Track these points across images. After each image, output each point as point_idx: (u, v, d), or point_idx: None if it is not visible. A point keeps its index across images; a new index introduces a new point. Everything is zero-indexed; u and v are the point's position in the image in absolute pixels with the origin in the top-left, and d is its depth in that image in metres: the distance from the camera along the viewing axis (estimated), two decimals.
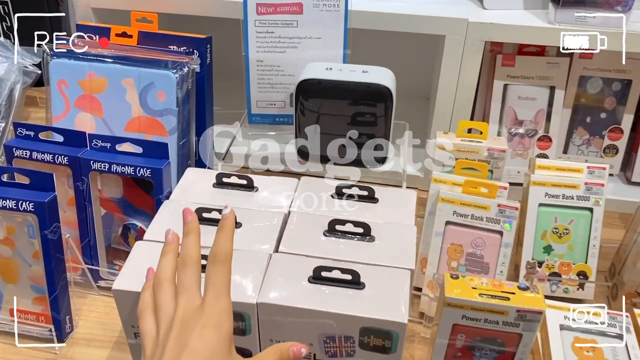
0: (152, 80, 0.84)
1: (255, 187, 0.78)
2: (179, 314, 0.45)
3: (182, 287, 0.47)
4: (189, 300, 0.46)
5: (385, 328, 0.59)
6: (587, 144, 1.04)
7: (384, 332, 0.59)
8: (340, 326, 0.60)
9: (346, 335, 0.60)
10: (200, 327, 0.44)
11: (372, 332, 0.59)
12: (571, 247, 0.82)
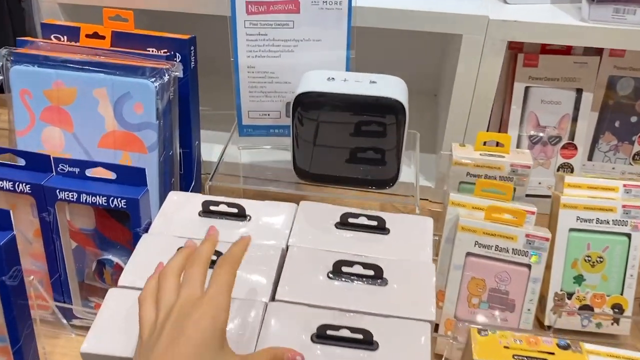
0: (128, 90, 0.73)
1: (247, 215, 0.68)
2: (179, 303, 0.46)
3: (186, 280, 0.48)
4: (191, 291, 0.47)
5: None
6: (615, 150, 0.94)
7: None
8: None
9: None
10: (198, 315, 0.44)
11: None
12: (605, 277, 0.73)
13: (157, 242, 0.64)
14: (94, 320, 0.56)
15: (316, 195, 0.84)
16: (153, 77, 0.73)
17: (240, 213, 0.67)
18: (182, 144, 0.84)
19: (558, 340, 0.54)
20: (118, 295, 0.58)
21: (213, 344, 0.44)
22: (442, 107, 1.00)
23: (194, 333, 0.43)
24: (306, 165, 0.73)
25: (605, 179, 0.74)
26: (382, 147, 0.69)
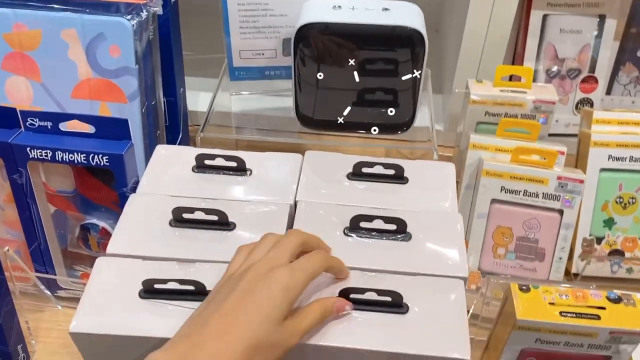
0: (101, 30, 0.64)
1: (247, 169, 0.60)
2: (263, 260, 0.43)
3: (279, 244, 0.45)
4: (278, 255, 0.44)
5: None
6: (636, 82, 0.87)
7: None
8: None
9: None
10: (273, 280, 0.41)
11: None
12: (637, 219, 0.67)
13: (147, 202, 0.57)
14: (82, 296, 0.49)
15: (320, 145, 0.76)
16: (129, 15, 0.63)
17: (240, 167, 0.60)
18: (165, 92, 0.75)
19: (607, 293, 0.48)
20: (107, 265, 0.51)
21: (275, 315, 0.40)
22: (448, 43, 0.91)
23: (262, 296, 0.40)
24: (310, 110, 0.65)
25: (636, 113, 0.68)
26: (397, 86, 0.61)
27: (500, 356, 0.50)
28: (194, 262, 0.51)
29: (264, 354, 0.39)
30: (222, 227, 0.54)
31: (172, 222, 0.54)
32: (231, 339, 0.38)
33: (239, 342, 0.38)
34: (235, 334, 0.38)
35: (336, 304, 0.45)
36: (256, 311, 0.39)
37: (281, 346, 0.40)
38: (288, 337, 0.40)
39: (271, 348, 0.39)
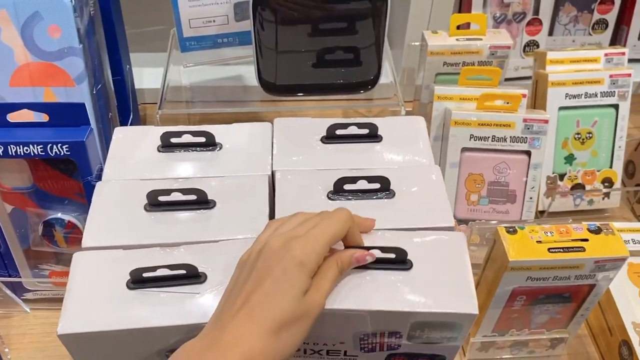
0: (36, 9, 0.58)
1: (217, 143, 0.58)
2: (278, 235, 0.41)
3: (307, 222, 0.42)
4: (297, 229, 0.42)
5: (447, 320, 0.44)
6: (575, 22, 0.90)
7: (443, 324, 0.45)
8: (384, 323, 0.45)
9: (391, 331, 0.46)
10: (287, 257, 0.39)
11: (427, 325, 0.45)
12: (595, 153, 0.71)
13: (116, 189, 0.54)
14: (65, 296, 0.46)
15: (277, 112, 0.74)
16: None
17: (209, 141, 0.57)
18: (111, 71, 0.71)
19: (588, 225, 0.50)
20: (86, 259, 0.48)
21: (294, 291, 0.39)
22: None
23: (278, 275, 0.39)
24: (272, 76, 0.62)
25: (586, 50, 0.70)
26: (361, 43, 0.60)
27: (491, 298, 0.52)
28: (179, 245, 0.49)
29: (292, 328, 0.38)
30: (202, 206, 0.52)
31: (147, 207, 0.52)
32: (255, 321, 0.37)
33: (263, 324, 0.37)
34: (258, 315, 0.37)
35: (355, 255, 0.43)
36: (275, 291, 0.38)
37: (307, 316, 0.39)
38: (312, 307, 0.39)
39: (297, 321, 0.38)
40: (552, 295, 0.52)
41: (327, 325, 0.44)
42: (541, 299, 0.53)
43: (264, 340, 0.37)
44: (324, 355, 0.48)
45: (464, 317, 0.43)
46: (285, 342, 0.38)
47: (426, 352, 0.47)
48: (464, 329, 0.45)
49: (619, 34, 0.92)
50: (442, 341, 0.46)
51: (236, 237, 0.49)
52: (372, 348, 0.47)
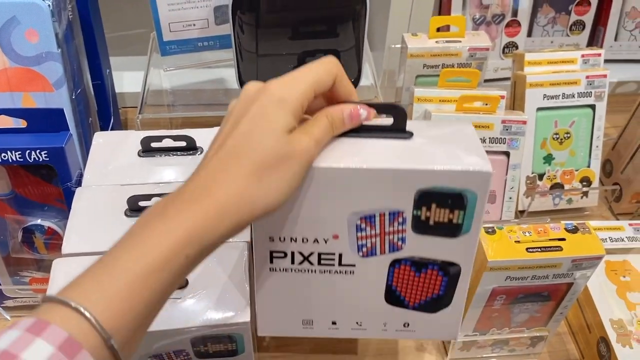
0: (13, 14, 0.58)
1: (198, 147, 0.58)
2: (257, 84, 0.36)
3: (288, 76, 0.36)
4: (286, 78, 0.36)
5: (456, 187, 0.38)
6: (553, 23, 0.91)
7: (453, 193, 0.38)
8: (384, 193, 0.39)
9: (392, 210, 0.40)
10: (264, 96, 0.35)
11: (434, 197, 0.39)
12: (573, 152, 0.72)
13: (96, 195, 0.53)
14: None
15: None
16: None
17: (190, 145, 0.57)
18: (91, 76, 0.70)
19: (565, 224, 0.51)
20: (66, 266, 0.48)
21: (274, 127, 0.34)
22: None
23: (255, 113, 0.34)
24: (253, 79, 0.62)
25: (563, 52, 0.71)
26: (341, 46, 0.60)
27: (472, 298, 0.52)
28: None
29: (275, 172, 0.34)
30: None
31: (127, 212, 0.52)
32: (232, 164, 0.33)
33: (240, 166, 0.33)
34: (235, 157, 0.33)
35: (346, 110, 0.37)
36: (252, 129, 0.34)
37: (293, 159, 0.34)
38: (298, 149, 0.34)
39: (281, 164, 0.34)
40: (531, 294, 0.53)
41: (321, 200, 0.39)
42: (520, 298, 0.53)
43: (241, 184, 0.33)
44: (315, 264, 0.42)
45: (479, 176, 0.37)
46: (267, 186, 0.33)
47: (436, 257, 0.42)
48: (480, 193, 0.38)
49: (596, 34, 0.93)
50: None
51: None
52: (372, 249, 0.42)
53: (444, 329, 0.46)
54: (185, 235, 0.32)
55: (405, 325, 0.46)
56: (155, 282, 0.31)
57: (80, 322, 0.29)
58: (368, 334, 0.46)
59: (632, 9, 0.90)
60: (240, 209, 0.33)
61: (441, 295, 0.44)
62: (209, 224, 0.32)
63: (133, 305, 0.30)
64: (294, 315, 0.46)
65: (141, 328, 0.32)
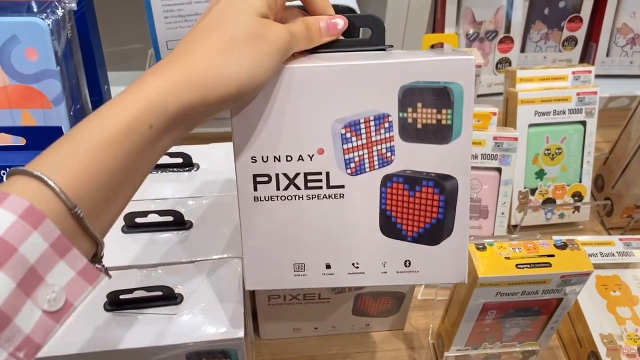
0: (14, 32, 0.59)
1: (194, 164, 0.59)
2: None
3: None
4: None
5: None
6: (545, 39, 0.92)
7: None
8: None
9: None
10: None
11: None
12: (564, 168, 0.73)
13: None
14: None
15: None
16: (43, 13, 0.59)
17: (186, 162, 0.58)
18: (89, 92, 0.71)
19: (554, 240, 0.52)
20: None
21: (246, 7, 0.34)
22: None
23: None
24: None
25: (554, 69, 0.72)
26: None
27: (463, 312, 0.53)
28: (156, 266, 0.50)
29: (247, 46, 0.33)
30: (179, 227, 0.53)
31: (124, 229, 0.53)
32: (206, 38, 0.33)
33: (214, 40, 0.33)
34: (211, 33, 0.33)
35: (322, 20, 0.38)
36: (224, 11, 0.34)
37: (264, 39, 0.34)
38: (269, 30, 0.34)
39: (253, 40, 0.34)
40: (522, 309, 0.54)
41: (302, 107, 0.38)
42: (511, 313, 0.54)
43: (209, 56, 0.33)
44: (302, 188, 0.40)
45: (462, 64, 0.36)
46: (237, 62, 0.33)
47: (429, 169, 0.39)
48: (466, 85, 0.37)
49: (588, 50, 0.95)
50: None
51: (212, 258, 0.50)
52: (361, 164, 0.39)
53: (451, 269, 0.41)
54: (148, 103, 0.31)
55: (406, 265, 0.41)
56: (117, 151, 0.30)
57: (42, 191, 0.28)
58: (367, 279, 0.41)
59: (623, 25, 0.91)
60: (208, 81, 0.32)
61: (440, 219, 0.40)
62: (172, 91, 0.31)
63: (97, 173, 0.29)
64: (284, 259, 0.41)
65: (111, 203, 0.31)
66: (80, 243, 0.30)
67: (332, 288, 0.49)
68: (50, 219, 0.28)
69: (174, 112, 0.32)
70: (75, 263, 0.29)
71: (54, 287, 0.28)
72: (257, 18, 0.34)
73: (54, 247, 0.28)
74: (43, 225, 0.27)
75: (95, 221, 0.30)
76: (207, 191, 0.56)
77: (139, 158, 0.31)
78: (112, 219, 0.32)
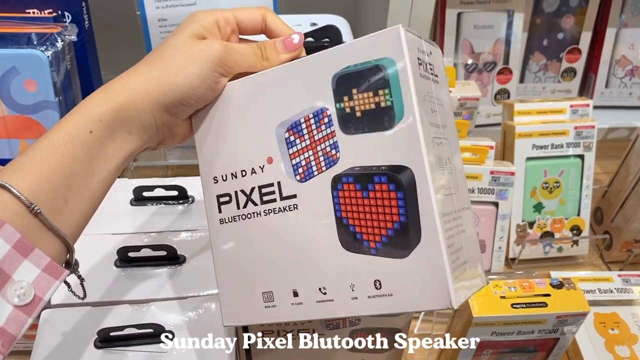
0: (13, 64, 0.60)
1: (189, 196, 0.58)
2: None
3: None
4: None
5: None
6: (544, 70, 0.93)
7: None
8: None
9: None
10: (191, 16, 0.39)
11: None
12: (562, 201, 0.72)
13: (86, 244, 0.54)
14: (32, 353, 0.46)
15: None
16: (43, 46, 0.60)
17: (182, 194, 0.58)
18: None
19: (550, 280, 0.51)
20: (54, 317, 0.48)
21: (178, 34, 0.38)
22: None
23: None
24: None
25: (552, 102, 0.72)
26: None
27: (459, 349, 0.52)
28: (149, 302, 0.49)
29: (172, 58, 0.37)
30: (172, 262, 0.52)
31: (117, 263, 0.52)
32: (144, 61, 0.38)
33: (145, 61, 0.38)
34: (148, 56, 0.38)
35: (278, 40, 0.40)
36: (167, 37, 0.39)
37: (191, 52, 0.37)
38: (201, 44, 0.37)
39: (179, 53, 0.37)
40: (518, 348, 0.53)
41: (245, 118, 0.39)
42: (507, 352, 0.53)
43: (138, 69, 0.37)
44: (258, 203, 0.39)
45: (388, 36, 0.34)
46: (161, 70, 0.36)
47: (378, 162, 0.35)
48: (399, 60, 0.33)
49: (587, 81, 0.95)
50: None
51: (204, 294, 0.50)
52: (308, 168, 0.37)
53: (429, 289, 0.33)
54: (85, 112, 0.35)
55: (377, 286, 0.35)
56: (64, 155, 0.34)
57: (1, 194, 0.31)
58: (337, 308, 0.37)
59: (621, 57, 0.92)
60: (134, 86, 0.36)
61: (403, 222, 0.34)
62: (103, 97, 0.36)
63: (49, 175, 0.33)
64: (254, 288, 0.40)
65: (70, 202, 0.34)
66: (47, 242, 0.33)
67: (325, 323, 0.49)
68: (11, 222, 0.31)
69: (108, 117, 0.35)
70: (39, 261, 0.32)
71: (21, 283, 0.32)
72: (187, 37, 0.38)
73: (17, 248, 0.31)
74: (3, 230, 0.31)
75: (59, 219, 0.33)
76: (201, 224, 0.56)
77: (88, 162, 0.35)
78: (77, 220, 0.35)
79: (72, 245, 0.35)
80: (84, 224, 0.36)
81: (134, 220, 0.56)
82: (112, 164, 0.36)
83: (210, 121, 0.40)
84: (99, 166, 0.36)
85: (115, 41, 0.79)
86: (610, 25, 0.89)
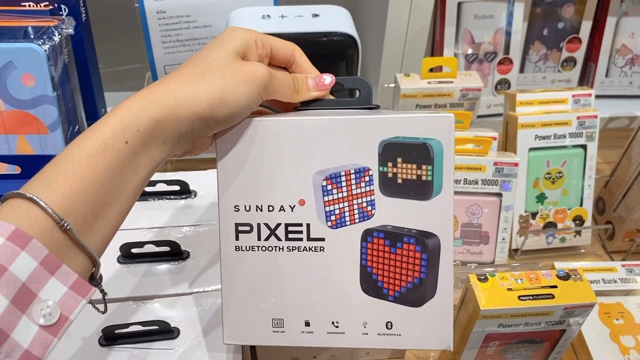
0: (10, 59, 0.59)
1: (191, 191, 0.58)
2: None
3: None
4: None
5: None
6: (544, 60, 0.92)
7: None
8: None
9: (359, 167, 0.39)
10: (231, 30, 0.39)
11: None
12: (565, 192, 0.72)
13: None
14: None
15: None
16: (40, 39, 0.59)
17: (184, 189, 0.57)
18: (86, 115, 0.71)
19: (557, 271, 0.51)
20: None
21: (224, 43, 0.38)
22: (368, 37, 0.92)
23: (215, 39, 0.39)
24: None
25: (554, 92, 0.72)
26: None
27: (465, 341, 0.52)
28: (153, 298, 0.49)
29: (221, 73, 0.36)
30: (176, 257, 0.52)
31: (120, 259, 0.52)
32: (181, 69, 0.37)
33: (188, 69, 0.36)
34: (187, 66, 0.37)
35: (310, 77, 0.41)
36: (205, 49, 0.38)
37: (239, 71, 0.37)
38: (247, 65, 0.37)
39: (227, 69, 0.36)
40: (525, 340, 0.53)
41: (283, 158, 0.39)
42: (514, 344, 0.53)
43: (180, 80, 0.35)
44: (283, 239, 0.40)
45: (441, 121, 0.38)
46: (209, 84, 0.35)
47: (410, 225, 0.39)
48: (445, 142, 0.38)
49: (588, 70, 0.95)
50: None
51: (208, 289, 0.49)
52: (341, 217, 0.40)
53: (434, 334, 0.40)
54: (122, 121, 0.33)
55: (388, 327, 0.40)
56: (97, 166, 0.32)
57: (30, 208, 0.30)
58: (347, 340, 0.40)
59: (622, 46, 0.91)
60: (179, 97, 0.35)
61: (423, 279, 0.39)
62: (144, 106, 0.34)
63: (80, 188, 0.31)
64: (263, 313, 0.41)
65: (99, 217, 0.33)
66: (74, 258, 0.31)
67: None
68: (39, 237, 0.29)
69: (147, 127, 0.34)
70: (66, 279, 0.31)
71: (47, 302, 0.30)
72: (233, 55, 0.37)
73: (44, 265, 0.30)
74: (30, 245, 0.29)
75: (86, 235, 0.32)
76: (204, 219, 0.55)
77: (120, 173, 0.33)
78: (104, 235, 0.34)
79: (98, 260, 0.33)
80: (110, 237, 0.35)
81: (136, 216, 0.56)
82: (142, 174, 0.35)
83: (240, 150, 0.39)
84: (129, 177, 0.34)
85: (113, 34, 0.78)
86: (610, 14, 0.89)
